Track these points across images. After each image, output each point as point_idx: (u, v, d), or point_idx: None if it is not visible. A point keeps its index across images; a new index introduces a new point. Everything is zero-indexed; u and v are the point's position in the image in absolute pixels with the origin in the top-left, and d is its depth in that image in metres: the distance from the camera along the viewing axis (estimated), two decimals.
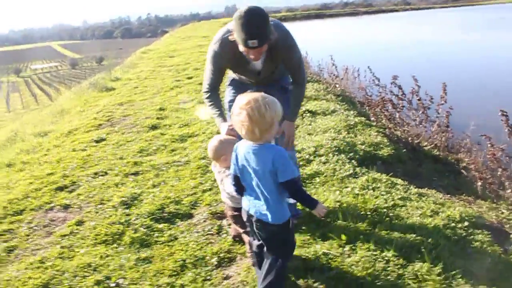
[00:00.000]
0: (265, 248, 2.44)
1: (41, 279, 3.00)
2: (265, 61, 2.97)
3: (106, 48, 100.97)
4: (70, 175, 4.80)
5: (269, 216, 2.27)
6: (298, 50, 3.03)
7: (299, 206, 3.44)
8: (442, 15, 52.74)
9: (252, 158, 2.24)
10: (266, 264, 2.40)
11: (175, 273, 2.93)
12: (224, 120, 3.02)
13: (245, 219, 2.49)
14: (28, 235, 3.66)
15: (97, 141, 6.02)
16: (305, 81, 3.17)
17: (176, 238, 3.37)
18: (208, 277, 2.87)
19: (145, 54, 19.38)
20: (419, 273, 2.61)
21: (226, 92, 3.38)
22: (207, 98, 3.13)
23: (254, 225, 2.39)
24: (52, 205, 4.13)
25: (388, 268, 2.68)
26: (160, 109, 7.59)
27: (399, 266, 2.70)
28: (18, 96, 47.44)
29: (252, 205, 2.36)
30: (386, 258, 2.77)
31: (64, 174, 4.82)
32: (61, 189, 4.47)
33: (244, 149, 2.29)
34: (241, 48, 2.71)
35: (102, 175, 4.71)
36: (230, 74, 3.39)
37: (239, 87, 3.27)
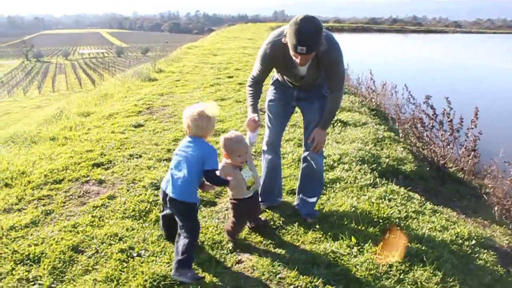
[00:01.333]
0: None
1: (72, 241, 3.30)
2: (310, 68, 3.11)
3: (152, 40, 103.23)
4: (107, 154, 5.13)
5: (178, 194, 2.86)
6: (343, 64, 3.15)
7: (316, 207, 3.63)
8: (492, 40, 51.45)
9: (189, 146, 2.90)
10: (177, 243, 2.92)
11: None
12: (254, 111, 3.25)
13: (161, 197, 3.08)
14: (64, 202, 3.98)
15: (135, 126, 6.36)
16: (341, 93, 3.26)
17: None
18: (222, 260, 3.09)
19: (190, 50, 19.89)
20: (418, 280, 2.76)
21: (268, 91, 3.60)
22: (249, 87, 3.38)
23: (168, 203, 2.96)
24: (88, 178, 4.45)
25: (390, 272, 2.84)
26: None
27: (400, 271, 2.85)
28: (63, 77, 49.16)
29: (169, 185, 2.94)
30: (390, 263, 2.92)
31: (102, 152, 5.16)
32: (97, 165, 4.79)
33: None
34: (291, 52, 2.89)
35: (136, 158, 5.02)
36: (274, 74, 3.57)
37: (280, 89, 3.50)
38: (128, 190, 4.15)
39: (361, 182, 4.22)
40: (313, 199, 3.56)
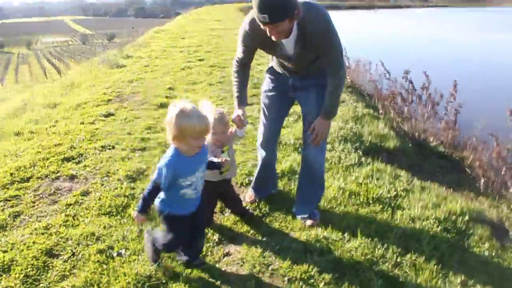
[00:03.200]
0: None
1: (45, 244, 3.06)
2: (296, 46, 2.71)
3: (118, 26, 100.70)
4: (77, 146, 4.85)
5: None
6: (336, 38, 2.67)
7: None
8: (459, 14, 52.17)
9: None
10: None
11: None
12: (240, 103, 2.96)
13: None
14: (33, 202, 3.72)
15: (105, 116, 6.06)
16: (342, 72, 2.79)
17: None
18: (209, 253, 2.91)
19: (158, 34, 19.33)
20: (416, 262, 2.66)
21: (264, 80, 3.28)
22: (234, 72, 3.05)
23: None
24: (58, 174, 4.18)
25: (387, 255, 2.72)
26: (170, 88, 7.61)
27: (397, 254, 2.74)
28: (27, 68, 47.53)
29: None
30: (385, 246, 2.81)
31: (72, 145, 4.87)
32: (68, 160, 4.52)
33: None
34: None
35: (109, 149, 4.76)
36: (270, 60, 3.23)
37: (275, 77, 3.15)
38: (102, 185, 3.91)
39: (345, 162, 4.09)
40: (313, 204, 3.26)
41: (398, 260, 2.69)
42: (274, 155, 3.46)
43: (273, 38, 2.58)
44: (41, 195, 3.83)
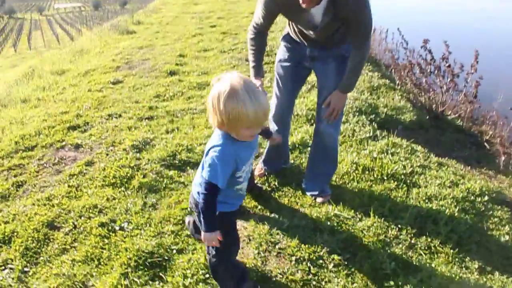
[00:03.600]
0: None
1: (46, 216, 2.98)
2: (324, 14, 2.45)
3: None
4: (83, 115, 4.73)
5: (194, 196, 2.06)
6: (368, 11, 2.40)
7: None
8: None
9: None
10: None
11: (181, 221, 2.87)
12: (257, 74, 2.72)
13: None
14: (37, 172, 3.64)
15: (113, 83, 5.92)
16: (367, 48, 2.55)
17: (185, 186, 3.30)
18: None
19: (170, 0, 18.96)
20: (432, 245, 2.51)
21: (279, 48, 3.02)
22: (251, 39, 2.74)
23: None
24: (63, 143, 4.08)
25: (401, 236, 2.58)
26: (180, 55, 7.41)
27: (412, 235, 2.60)
28: (40, 34, 47.34)
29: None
30: (400, 226, 2.66)
31: (78, 113, 4.76)
32: (73, 128, 4.41)
33: None
34: None
35: (116, 117, 4.63)
36: (286, 26, 2.95)
37: (291, 46, 2.88)
38: (107, 155, 3.80)
39: (360, 135, 3.91)
40: (325, 180, 3.07)
41: (413, 241, 2.55)
42: (288, 129, 3.26)
43: (303, 4, 2.34)
44: (45, 165, 3.74)
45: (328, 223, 2.73)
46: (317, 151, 3.03)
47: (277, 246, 2.55)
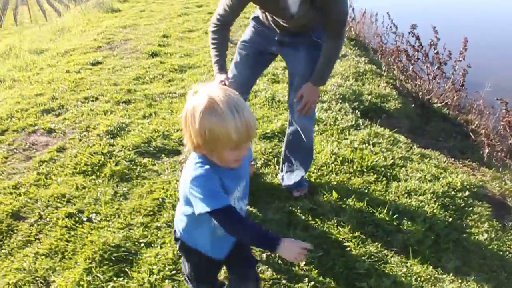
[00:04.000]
0: None
1: (11, 205, 2.86)
2: (302, 3, 2.29)
3: None
4: (59, 97, 4.57)
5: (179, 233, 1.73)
6: (346, 1, 2.31)
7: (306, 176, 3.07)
8: None
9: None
10: None
11: (152, 213, 2.77)
12: (222, 69, 2.44)
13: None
14: (6, 158, 3.49)
15: (93, 64, 5.74)
16: (342, 40, 2.42)
17: (158, 175, 3.18)
18: None
19: None
20: (408, 243, 2.43)
21: (246, 29, 2.76)
22: (212, 33, 2.48)
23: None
24: (36, 128, 3.93)
25: (377, 233, 2.50)
26: (164, 36, 7.22)
27: (388, 231, 2.51)
28: (26, 9, 46.27)
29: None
30: (376, 222, 2.58)
31: (53, 96, 4.59)
32: (47, 111, 4.25)
33: None
34: None
35: (92, 101, 4.48)
36: (257, 9, 2.72)
37: (260, 28, 2.68)
38: (80, 140, 3.66)
39: (342, 123, 3.81)
40: (301, 172, 2.90)
41: (389, 239, 2.46)
42: None
43: None
44: (15, 150, 3.60)
45: (303, 217, 2.64)
46: (292, 142, 2.88)
47: None
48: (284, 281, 2.20)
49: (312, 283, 2.16)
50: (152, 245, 2.51)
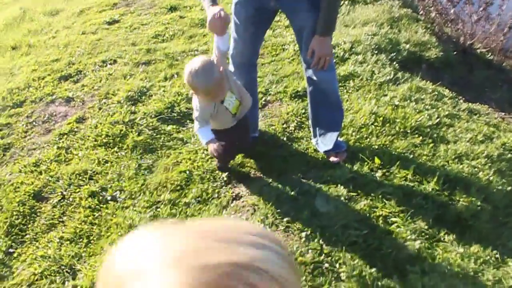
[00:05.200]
0: None
1: (33, 185, 2.73)
2: None
3: None
4: (76, 62, 4.35)
5: None
6: None
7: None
8: None
9: None
10: None
11: (179, 187, 2.59)
12: (214, 1, 2.12)
13: None
14: (25, 132, 3.34)
15: (109, 23, 5.45)
16: None
17: (185, 143, 2.98)
18: (216, 195, 2.51)
19: None
20: (462, 217, 2.18)
21: None
22: None
23: None
24: (53, 97, 3.74)
25: (426, 206, 2.25)
26: None
27: (439, 204, 2.26)
28: None
29: None
30: (425, 192, 2.32)
31: (70, 61, 4.37)
32: (65, 78, 4.05)
33: None
34: None
35: (110, 64, 4.24)
36: None
37: None
38: (100, 109, 3.47)
39: (379, 77, 3.48)
40: (334, 132, 2.60)
41: (440, 212, 2.22)
42: (254, 82, 2.77)
43: None
44: (34, 123, 3.45)
45: (343, 188, 2.40)
46: (316, 101, 2.61)
47: (285, 219, 2.26)
48: (326, 265, 2.01)
49: (358, 266, 1.96)
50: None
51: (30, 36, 5.30)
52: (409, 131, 2.79)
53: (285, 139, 2.90)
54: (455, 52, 4.43)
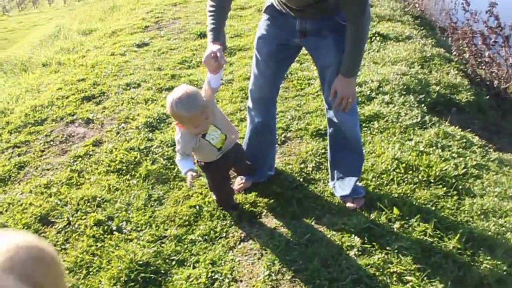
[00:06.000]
0: None
1: (41, 207, 2.68)
2: None
3: None
4: (101, 83, 4.37)
5: None
6: None
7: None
8: None
9: None
10: None
11: (187, 223, 2.50)
12: (216, 39, 2.09)
13: None
14: (42, 151, 3.34)
15: (138, 46, 5.51)
16: (366, 18, 2.02)
17: (198, 177, 2.89)
18: (224, 234, 2.40)
19: None
20: (486, 281, 2.00)
21: (260, 23, 2.40)
22: (211, 0, 2.15)
23: None
24: (74, 117, 3.75)
25: (446, 266, 2.07)
26: None
27: (460, 264, 2.08)
28: None
29: None
30: (445, 250, 2.16)
31: (95, 81, 4.40)
32: (88, 99, 4.07)
33: None
34: None
35: (134, 87, 4.24)
36: None
37: (276, 19, 2.28)
38: (117, 133, 3.44)
39: (405, 120, 3.34)
40: (353, 178, 2.50)
41: (461, 274, 2.04)
42: (272, 119, 2.66)
43: None
44: (51, 143, 3.44)
45: (357, 238, 2.26)
46: (336, 143, 2.52)
47: (292, 268, 2.12)
48: None
49: None
50: (185, 263, 2.24)
51: (61, 54, 5.40)
52: (432, 181, 2.64)
53: (301, 179, 2.79)
54: (487, 96, 4.27)
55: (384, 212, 2.42)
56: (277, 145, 2.96)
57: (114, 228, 2.48)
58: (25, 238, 0.79)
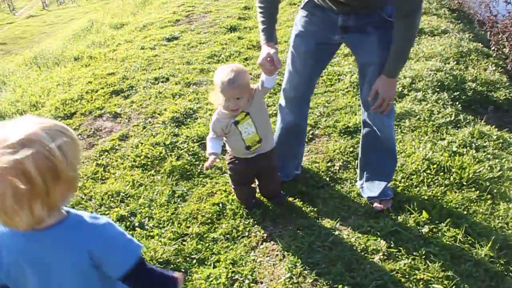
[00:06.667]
0: None
1: None
2: None
3: None
4: (130, 77, 4.39)
5: None
6: None
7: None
8: None
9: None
10: None
11: (209, 220, 2.47)
12: (269, 40, 2.06)
13: None
14: None
15: (168, 39, 5.52)
16: (418, 17, 1.91)
17: (223, 173, 2.87)
18: (246, 233, 2.36)
19: None
20: None
21: (296, 19, 2.30)
22: (260, 2, 2.12)
23: None
24: (102, 111, 3.78)
25: (476, 275, 1.96)
26: (245, 7, 6.82)
27: (492, 274, 1.98)
28: None
29: None
30: (477, 258, 2.05)
31: (125, 75, 4.42)
32: (116, 93, 4.09)
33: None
34: None
35: (162, 82, 4.25)
36: None
37: (315, 15, 2.18)
38: (144, 128, 3.44)
39: (438, 118, 3.22)
40: (383, 182, 2.41)
41: (493, 284, 1.93)
42: (304, 119, 2.58)
43: None
44: (79, 136, 3.47)
45: (383, 242, 2.18)
46: (369, 145, 2.42)
47: (314, 271, 2.06)
48: None
49: None
50: (205, 262, 2.22)
51: (93, 48, 5.47)
52: (465, 183, 2.52)
53: (328, 179, 2.72)
54: None
55: (412, 215, 2.32)
56: (304, 144, 2.89)
57: (137, 224, 2.47)
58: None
